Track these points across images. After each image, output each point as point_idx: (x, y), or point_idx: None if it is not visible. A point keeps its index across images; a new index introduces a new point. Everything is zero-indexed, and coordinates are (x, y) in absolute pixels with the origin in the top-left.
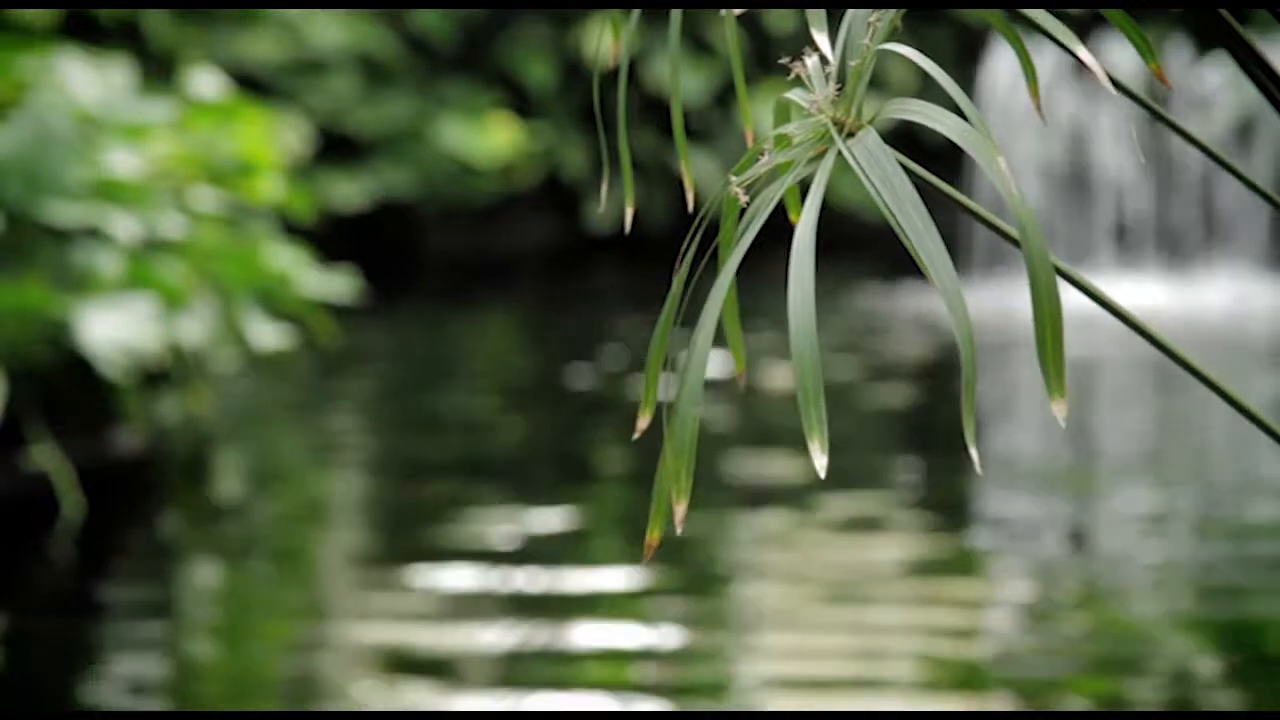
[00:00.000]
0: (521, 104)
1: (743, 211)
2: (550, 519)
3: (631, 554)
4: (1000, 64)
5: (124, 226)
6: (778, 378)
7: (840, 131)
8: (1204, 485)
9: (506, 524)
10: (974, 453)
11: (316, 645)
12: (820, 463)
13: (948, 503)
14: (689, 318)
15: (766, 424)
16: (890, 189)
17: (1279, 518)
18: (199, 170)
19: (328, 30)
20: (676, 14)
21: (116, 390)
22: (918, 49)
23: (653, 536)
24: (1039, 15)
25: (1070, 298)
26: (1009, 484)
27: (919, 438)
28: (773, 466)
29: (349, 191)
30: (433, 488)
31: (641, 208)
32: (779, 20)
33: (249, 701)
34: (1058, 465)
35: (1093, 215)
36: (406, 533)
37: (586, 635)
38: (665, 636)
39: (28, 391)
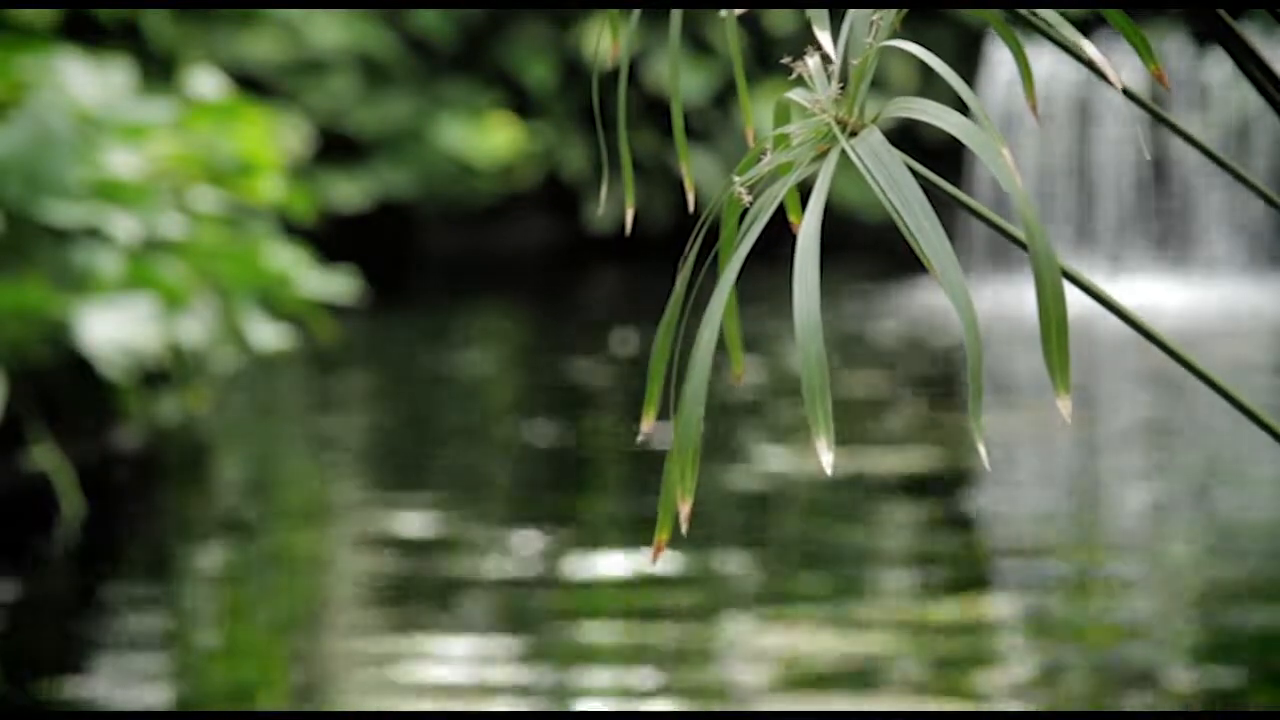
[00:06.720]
0: (521, 104)
1: (744, 213)
2: (549, 517)
3: (636, 552)
4: (1000, 64)
5: (124, 226)
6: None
7: (844, 131)
8: (1204, 486)
9: (506, 523)
10: (981, 449)
11: (315, 644)
12: (826, 459)
13: (950, 498)
14: (691, 318)
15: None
16: (896, 188)
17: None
18: (199, 170)
19: (328, 30)
20: (676, 14)
21: (116, 390)
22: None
23: (661, 537)
24: (1048, 16)
25: (1072, 297)
26: (1012, 474)
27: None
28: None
29: (349, 191)
30: (431, 487)
31: (641, 208)
32: (779, 20)
33: (247, 702)
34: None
35: (1093, 214)
36: (405, 531)
37: (592, 633)
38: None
39: (28, 391)
